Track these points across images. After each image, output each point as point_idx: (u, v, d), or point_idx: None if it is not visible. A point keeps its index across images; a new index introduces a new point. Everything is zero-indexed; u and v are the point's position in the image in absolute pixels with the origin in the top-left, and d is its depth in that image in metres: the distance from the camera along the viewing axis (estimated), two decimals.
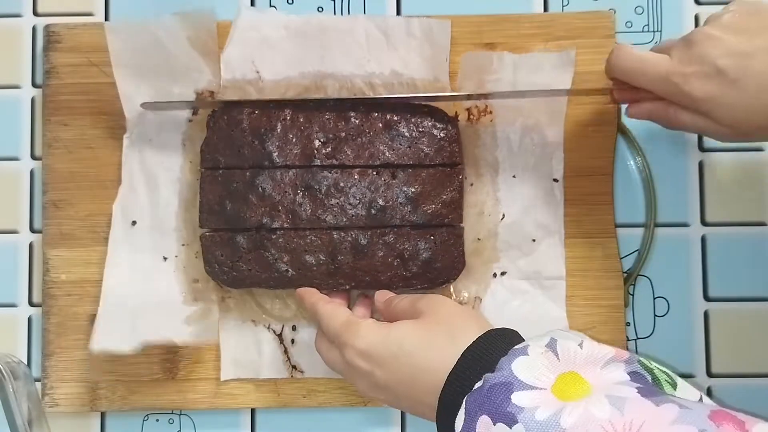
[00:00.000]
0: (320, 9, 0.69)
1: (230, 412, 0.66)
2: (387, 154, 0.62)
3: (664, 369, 0.45)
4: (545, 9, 0.69)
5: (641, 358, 0.45)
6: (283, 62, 0.65)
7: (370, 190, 0.62)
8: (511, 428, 0.41)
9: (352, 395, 0.65)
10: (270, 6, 0.69)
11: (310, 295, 0.60)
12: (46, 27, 0.66)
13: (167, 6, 0.68)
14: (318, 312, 0.57)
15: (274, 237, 0.62)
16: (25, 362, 0.66)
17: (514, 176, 0.65)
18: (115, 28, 0.65)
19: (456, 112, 0.65)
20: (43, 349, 0.65)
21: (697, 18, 0.68)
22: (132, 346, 0.60)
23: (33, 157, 0.68)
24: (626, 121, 0.67)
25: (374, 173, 0.62)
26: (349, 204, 0.62)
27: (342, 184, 0.62)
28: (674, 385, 0.44)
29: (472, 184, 0.65)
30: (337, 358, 0.55)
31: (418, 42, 0.65)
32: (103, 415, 0.66)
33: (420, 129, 0.63)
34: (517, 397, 0.42)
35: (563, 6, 0.69)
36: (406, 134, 0.63)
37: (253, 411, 0.66)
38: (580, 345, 0.45)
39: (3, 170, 0.68)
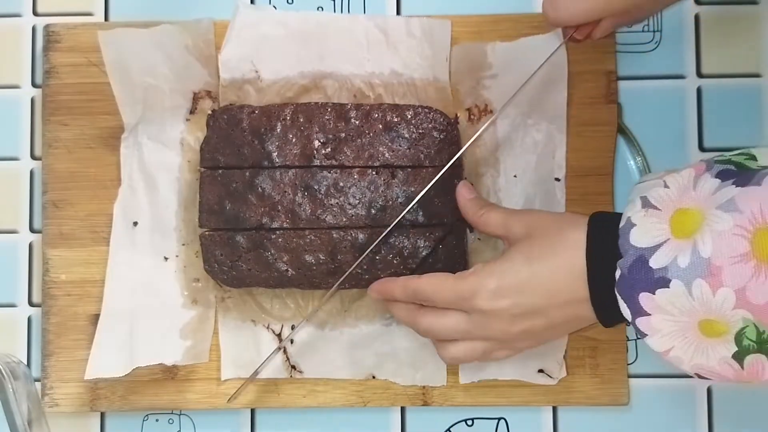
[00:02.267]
0: (320, 9, 0.69)
1: (230, 412, 0.66)
2: (387, 155, 0.62)
3: (736, 151, 0.47)
4: None
5: (715, 158, 0.48)
6: (282, 61, 0.65)
7: (370, 189, 0.62)
8: (669, 287, 0.45)
9: (352, 395, 0.65)
10: (269, 6, 0.69)
11: (391, 282, 0.58)
12: (46, 27, 0.66)
13: (166, 6, 0.68)
14: (419, 288, 0.56)
15: (273, 237, 0.62)
16: (25, 362, 0.66)
17: (515, 176, 0.65)
18: (110, 38, 0.65)
19: (456, 114, 0.65)
20: (42, 349, 0.65)
21: (697, 18, 0.68)
22: (125, 372, 0.61)
23: (33, 157, 0.68)
24: (626, 121, 0.67)
25: (374, 173, 0.62)
26: (349, 204, 0.62)
27: (342, 184, 0.62)
28: (753, 157, 0.47)
29: (472, 184, 0.65)
30: (460, 319, 0.54)
31: (417, 42, 0.65)
32: (103, 415, 0.66)
33: (420, 131, 0.63)
34: (656, 261, 0.45)
35: None
36: (406, 136, 0.63)
37: (253, 411, 0.66)
38: (665, 185, 0.48)
39: (3, 170, 0.68)
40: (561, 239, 0.52)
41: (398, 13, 0.69)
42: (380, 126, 0.63)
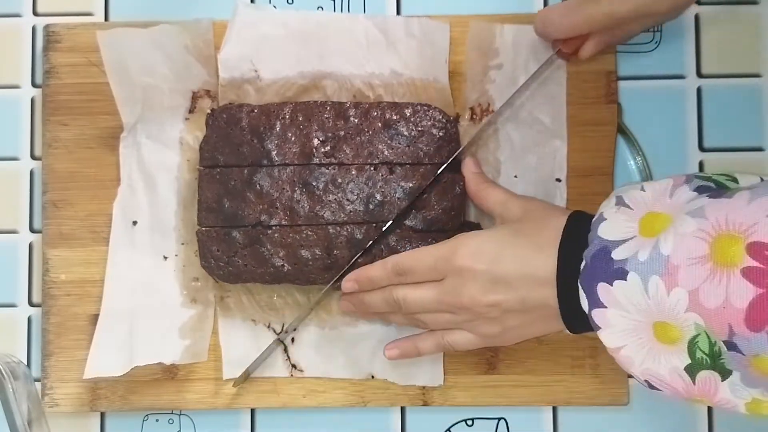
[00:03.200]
0: (320, 9, 0.69)
1: (230, 412, 0.66)
2: (386, 153, 0.62)
3: (720, 172, 0.49)
4: None
5: (697, 174, 0.49)
6: (281, 61, 0.65)
7: (368, 185, 0.62)
8: (626, 279, 0.45)
9: (352, 395, 0.65)
10: (269, 5, 0.69)
11: (368, 266, 0.60)
12: (46, 27, 0.66)
13: (166, 6, 0.68)
14: (399, 260, 0.57)
15: (269, 232, 0.62)
16: (25, 362, 0.66)
17: (515, 176, 0.65)
18: (109, 38, 0.65)
19: (457, 113, 0.65)
20: (42, 349, 0.65)
21: (697, 18, 0.68)
22: (124, 371, 0.61)
23: (33, 157, 0.68)
24: (626, 121, 0.67)
25: (372, 169, 0.62)
26: (347, 200, 0.62)
27: (339, 180, 0.62)
28: (735, 180, 0.48)
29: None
30: (434, 288, 0.56)
31: (417, 42, 0.65)
32: (102, 415, 0.66)
33: (419, 128, 0.63)
34: (617, 254, 0.46)
35: None
36: (405, 133, 0.62)
37: (252, 411, 0.66)
38: (642, 189, 0.50)
39: (3, 170, 0.68)
40: (545, 224, 0.54)
41: (398, 13, 0.69)
42: (379, 124, 0.63)
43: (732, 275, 0.42)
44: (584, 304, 0.48)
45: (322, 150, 0.62)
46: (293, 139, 0.63)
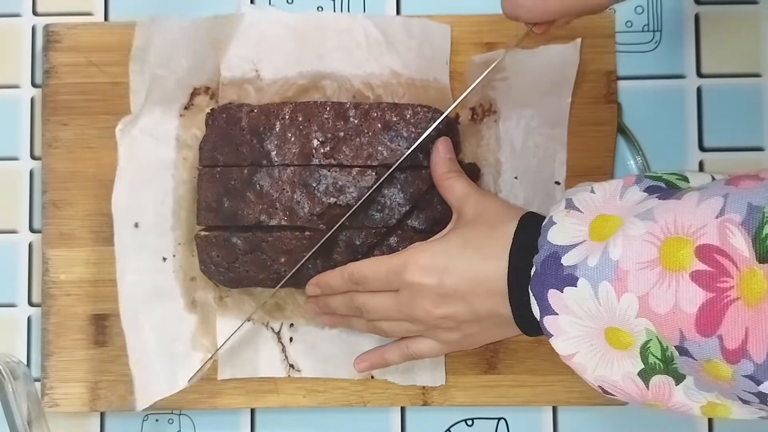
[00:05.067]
0: (320, 9, 0.69)
1: (230, 412, 0.66)
2: (385, 154, 0.62)
3: (671, 171, 0.48)
4: None
5: (647, 173, 0.49)
6: (281, 61, 0.65)
7: (368, 189, 0.62)
8: (576, 286, 0.45)
9: (351, 395, 0.65)
10: (270, 5, 0.69)
11: (328, 273, 0.60)
12: (46, 27, 0.66)
13: (166, 6, 0.68)
14: (355, 269, 0.57)
15: (270, 239, 0.62)
16: (25, 362, 0.66)
17: (515, 177, 0.65)
18: (148, 22, 0.64)
19: (458, 114, 0.65)
20: (42, 349, 0.65)
21: (697, 18, 0.68)
22: (173, 391, 0.63)
23: (32, 156, 0.68)
24: (626, 121, 0.67)
25: (373, 173, 0.62)
26: (347, 204, 0.62)
27: (340, 183, 0.62)
28: (685, 179, 0.47)
29: (479, 170, 0.65)
30: (390, 297, 0.56)
31: (417, 42, 0.65)
32: (102, 415, 0.66)
33: (419, 130, 0.62)
34: (567, 259, 0.46)
35: None
36: (405, 135, 0.62)
37: (252, 411, 0.66)
38: (592, 191, 0.49)
39: (3, 170, 0.68)
40: (495, 231, 0.53)
41: (398, 13, 0.69)
42: (379, 125, 0.62)
43: (681, 279, 0.41)
44: (535, 311, 0.48)
45: (322, 151, 0.62)
46: (293, 139, 0.62)
